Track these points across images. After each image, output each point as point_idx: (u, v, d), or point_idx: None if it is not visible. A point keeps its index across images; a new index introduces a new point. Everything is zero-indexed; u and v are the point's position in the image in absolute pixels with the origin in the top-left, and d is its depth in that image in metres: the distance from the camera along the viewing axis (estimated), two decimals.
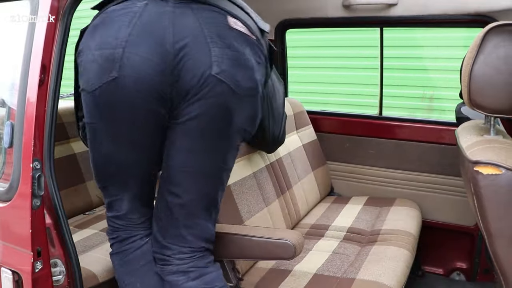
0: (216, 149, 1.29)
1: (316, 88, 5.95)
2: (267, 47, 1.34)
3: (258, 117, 1.34)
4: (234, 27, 1.22)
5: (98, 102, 1.19)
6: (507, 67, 1.11)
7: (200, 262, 1.38)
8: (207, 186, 1.34)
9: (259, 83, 1.26)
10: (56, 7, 1.21)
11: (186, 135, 1.24)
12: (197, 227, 1.36)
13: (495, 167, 1.03)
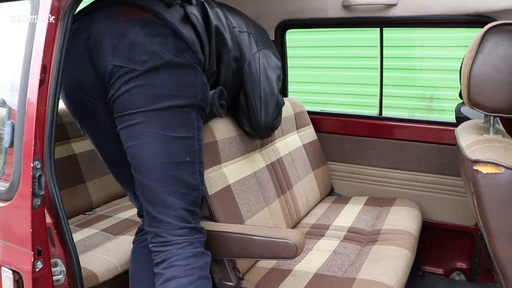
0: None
1: (316, 88, 5.95)
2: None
3: (195, 84, 1.35)
4: (122, 18, 1.32)
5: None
6: (507, 66, 1.11)
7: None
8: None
9: (160, 52, 1.28)
10: (56, 7, 1.21)
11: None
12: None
13: (494, 166, 1.03)
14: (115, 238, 1.94)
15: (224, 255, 1.57)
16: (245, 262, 1.71)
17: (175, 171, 1.34)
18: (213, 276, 1.65)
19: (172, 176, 1.34)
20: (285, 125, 2.37)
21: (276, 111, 1.86)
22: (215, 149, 1.76)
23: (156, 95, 1.29)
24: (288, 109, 2.46)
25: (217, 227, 1.59)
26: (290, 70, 2.79)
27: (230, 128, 1.88)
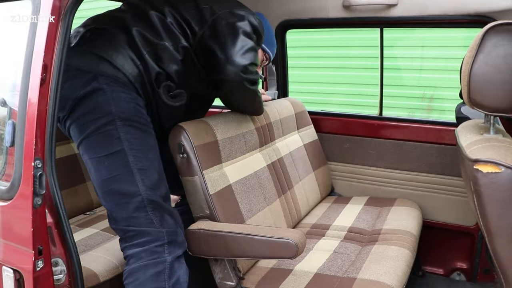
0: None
1: (316, 88, 5.96)
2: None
3: (106, 102, 1.49)
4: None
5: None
6: (507, 66, 1.11)
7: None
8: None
9: (67, 95, 1.48)
10: (57, 6, 1.21)
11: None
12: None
13: (494, 165, 1.03)
14: (115, 237, 1.94)
15: (224, 255, 1.58)
16: (245, 262, 1.71)
17: (112, 186, 1.46)
18: (214, 276, 1.65)
19: (110, 191, 1.47)
20: (286, 125, 2.37)
21: (244, 49, 1.66)
22: (216, 148, 1.76)
23: (80, 127, 1.48)
24: (289, 109, 2.47)
25: (218, 227, 1.59)
26: (290, 70, 2.79)
27: (231, 127, 1.88)
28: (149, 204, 1.47)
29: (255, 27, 1.77)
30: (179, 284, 1.48)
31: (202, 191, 1.65)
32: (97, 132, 1.46)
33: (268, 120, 2.19)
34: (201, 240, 1.58)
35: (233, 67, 1.63)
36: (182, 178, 1.68)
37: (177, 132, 1.67)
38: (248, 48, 1.68)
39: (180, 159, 1.66)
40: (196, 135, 1.68)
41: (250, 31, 1.73)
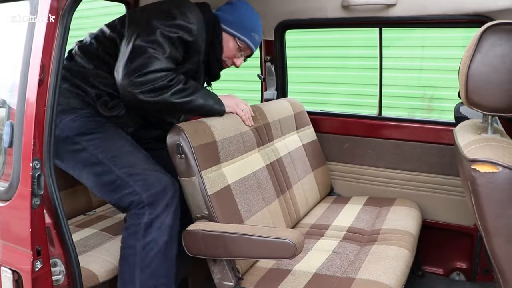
0: None
1: (316, 88, 5.96)
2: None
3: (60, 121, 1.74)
4: None
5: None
6: (504, 65, 1.11)
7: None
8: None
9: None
10: (55, 7, 1.22)
11: None
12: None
13: (492, 165, 1.03)
14: (114, 238, 1.94)
15: (223, 255, 1.57)
16: (244, 262, 1.71)
17: (99, 182, 1.70)
18: (213, 276, 1.65)
19: (101, 187, 1.71)
20: (285, 125, 2.37)
21: (128, 54, 1.66)
22: (215, 149, 1.76)
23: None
24: (288, 109, 2.47)
25: (216, 227, 1.59)
26: (289, 70, 2.79)
27: (229, 128, 1.88)
28: (129, 179, 1.65)
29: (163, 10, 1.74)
30: (151, 245, 1.61)
31: (201, 191, 1.65)
32: (69, 154, 1.71)
33: (266, 120, 2.19)
34: (200, 241, 1.58)
35: (119, 82, 1.68)
36: (180, 178, 1.69)
37: (175, 132, 1.67)
38: (135, 50, 1.65)
39: (178, 160, 1.66)
40: (194, 135, 1.68)
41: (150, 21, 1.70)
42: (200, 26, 1.80)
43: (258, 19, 2.00)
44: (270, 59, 2.70)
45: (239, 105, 1.97)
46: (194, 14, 1.78)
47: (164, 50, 1.69)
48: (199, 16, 1.81)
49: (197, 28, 1.78)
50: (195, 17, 1.78)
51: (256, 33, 1.96)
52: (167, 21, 1.72)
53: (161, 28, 1.70)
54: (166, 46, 1.70)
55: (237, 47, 1.94)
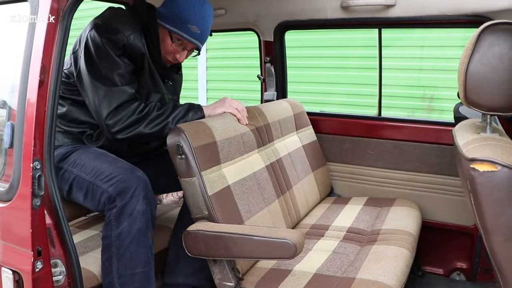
0: None
1: (315, 88, 5.96)
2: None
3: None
4: None
5: None
6: (502, 65, 1.11)
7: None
8: None
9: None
10: (56, 8, 1.22)
11: None
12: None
13: (491, 164, 1.04)
14: None
15: (223, 255, 1.58)
16: (244, 262, 1.71)
17: (89, 194, 1.78)
18: (213, 277, 1.65)
19: (92, 198, 1.76)
20: (285, 125, 2.38)
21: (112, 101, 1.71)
22: (215, 149, 1.77)
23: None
24: (288, 110, 2.47)
25: (217, 228, 1.59)
26: (289, 70, 2.80)
27: (229, 128, 1.88)
28: (97, 180, 1.69)
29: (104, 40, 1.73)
30: (124, 233, 1.62)
31: (201, 192, 1.66)
32: (64, 181, 1.78)
33: (266, 121, 2.20)
34: (200, 241, 1.58)
35: (100, 122, 1.77)
36: (180, 179, 1.69)
37: (175, 133, 1.67)
38: (94, 90, 1.72)
39: (178, 160, 1.66)
40: (194, 136, 1.68)
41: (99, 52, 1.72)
42: (129, 28, 1.78)
43: (200, 9, 1.86)
44: (269, 60, 2.70)
45: (232, 104, 1.98)
46: (117, 22, 1.77)
47: (113, 81, 1.72)
48: (125, 20, 1.80)
49: (124, 31, 1.76)
50: (120, 24, 1.77)
51: (193, 24, 1.85)
52: (99, 50, 1.73)
53: (100, 59, 1.72)
54: (114, 74, 1.72)
55: (174, 44, 1.88)
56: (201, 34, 1.88)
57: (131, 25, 1.79)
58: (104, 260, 1.65)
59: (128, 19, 1.82)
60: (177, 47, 1.90)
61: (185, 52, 1.92)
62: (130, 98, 1.73)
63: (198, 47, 1.92)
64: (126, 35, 1.76)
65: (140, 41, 1.81)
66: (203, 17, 1.87)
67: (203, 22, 1.87)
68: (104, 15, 1.82)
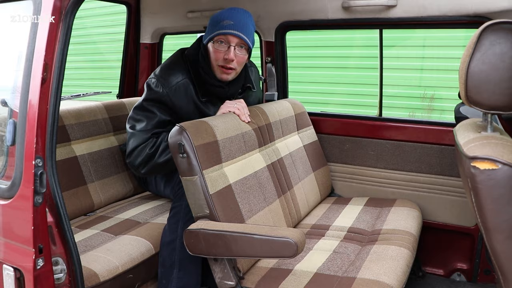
0: None
1: (316, 88, 5.97)
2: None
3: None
4: None
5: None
6: (503, 64, 1.12)
7: None
8: None
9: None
10: (58, 7, 1.23)
11: None
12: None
13: (492, 162, 1.04)
14: (116, 238, 1.95)
15: (224, 254, 1.58)
16: (245, 261, 1.72)
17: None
18: (214, 276, 1.66)
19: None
20: (286, 125, 2.38)
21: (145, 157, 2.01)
22: (216, 148, 1.77)
23: None
24: (289, 110, 2.48)
25: (218, 227, 1.59)
26: (290, 70, 2.80)
27: (230, 128, 1.89)
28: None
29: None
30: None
31: (202, 191, 1.66)
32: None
33: (267, 120, 2.20)
34: (201, 240, 1.58)
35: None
36: (182, 178, 1.69)
37: (177, 132, 1.68)
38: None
39: (180, 159, 1.67)
40: (196, 135, 1.69)
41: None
42: (171, 80, 2.02)
43: (226, 10, 2.00)
44: (270, 60, 2.71)
45: (231, 103, 2.02)
46: (161, 82, 2.01)
47: (140, 122, 2.01)
48: (170, 75, 2.03)
49: (164, 88, 2.00)
50: (163, 83, 2.01)
51: (225, 19, 1.96)
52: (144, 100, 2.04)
53: (139, 105, 2.05)
54: (143, 118, 2.01)
55: (217, 45, 1.98)
56: (235, 24, 1.94)
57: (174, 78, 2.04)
58: (172, 222, 1.88)
59: (176, 71, 2.06)
60: (221, 48, 1.98)
61: (231, 49, 1.97)
62: (142, 142, 1.99)
63: (239, 36, 1.95)
64: (164, 94, 2.01)
65: (184, 89, 2.04)
66: (232, 12, 1.99)
67: (233, 13, 1.98)
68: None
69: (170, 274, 1.83)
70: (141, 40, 2.97)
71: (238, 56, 1.99)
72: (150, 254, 1.90)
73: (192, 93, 2.03)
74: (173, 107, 2.00)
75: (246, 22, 1.98)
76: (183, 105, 2.01)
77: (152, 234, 1.97)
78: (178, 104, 2.00)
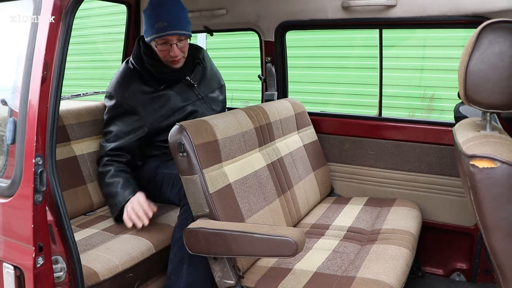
0: None
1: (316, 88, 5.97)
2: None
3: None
4: None
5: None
6: (502, 63, 1.12)
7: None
8: None
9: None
10: (58, 6, 1.23)
11: None
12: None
13: (490, 160, 1.04)
14: (116, 237, 1.95)
15: (224, 253, 1.58)
16: (245, 260, 1.72)
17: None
18: (214, 275, 1.66)
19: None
20: (286, 125, 2.39)
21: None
22: (216, 148, 1.77)
23: None
24: (289, 109, 2.48)
25: (218, 225, 1.60)
26: (290, 70, 2.81)
27: (230, 127, 1.89)
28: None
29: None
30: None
31: (202, 190, 1.66)
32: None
33: (268, 120, 2.21)
34: (201, 239, 1.58)
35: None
36: (182, 177, 1.70)
37: (177, 131, 1.68)
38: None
39: (180, 158, 1.67)
40: (196, 134, 1.69)
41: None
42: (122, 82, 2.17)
43: (156, 6, 2.06)
44: (270, 60, 2.71)
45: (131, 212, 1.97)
46: (114, 93, 2.17)
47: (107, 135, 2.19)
48: (120, 85, 2.17)
49: (119, 98, 2.15)
50: (116, 92, 2.17)
51: (158, 21, 2.04)
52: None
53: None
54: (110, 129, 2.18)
55: (160, 46, 2.10)
56: (168, 25, 2.04)
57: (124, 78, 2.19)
58: (182, 219, 1.87)
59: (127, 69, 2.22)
60: (164, 48, 2.10)
61: (174, 46, 2.09)
62: (104, 155, 2.16)
63: (176, 34, 2.06)
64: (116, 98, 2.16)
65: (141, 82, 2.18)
66: (161, 10, 2.05)
67: (163, 12, 2.04)
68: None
69: (180, 269, 1.83)
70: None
71: (182, 47, 2.13)
72: (150, 253, 1.90)
73: (146, 89, 2.16)
74: (136, 111, 2.14)
75: (178, 14, 2.07)
76: (142, 103, 2.15)
77: (152, 234, 1.97)
78: (138, 106, 2.15)
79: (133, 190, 2.02)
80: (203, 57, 2.40)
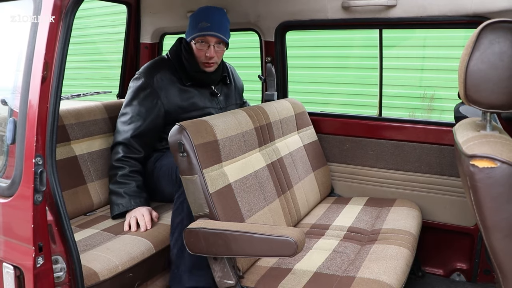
0: None
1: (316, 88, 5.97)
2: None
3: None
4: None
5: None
6: (502, 63, 1.12)
7: None
8: None
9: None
10: (58, 6, 1.23)
11: None
12: None
13: (490, 160, 1.04)
14: (116, 237, 1.95)
15: (224, 253, 1.58)
16: (245, 260, 1.72)
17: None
18: (214, 275, 1.66)
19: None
20: (286, 125, 2.39)
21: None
22: (216, 148, 1.77)
23: None
24: (289, 110, 2.48)
25: (218, 226, 1.60)
26: (290, 70, 2.81)
27: (230, 127, 1.89)
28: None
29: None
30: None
31: (202, 190, 1.66)
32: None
33: (268, 120, 2.21)
34: (201, 239, 1.58)
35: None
36: (182, 177, 1.70)
37: (177, 131, 1.68)
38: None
39: (180, 158, 1.67)
40: (196, 134, 1.69)
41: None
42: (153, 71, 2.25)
43: (203, 10, 2.25)
44: (270, 60, 2.71)
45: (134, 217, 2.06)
46: (143, 74, 2.24)
47: (124, 116, 2.24)
48: (151, 69, 2.26)
49: (148, 79, 2.22)
50: (145, 74, 2.24)
51: (201, 21, 2.19)
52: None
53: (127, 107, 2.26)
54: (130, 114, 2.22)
55: (199, 45, 2.21)
56: (211, 26, 2.18)
57: (154, 70, 2.27)
58: (178, 203, 1.90)
59: (156, 64, 2.31)
60: (202, 47, 2.22)
61: (211, 47, 2.21)
62: (119, 142, 2.21)
63: (216, 36, 2.19)
64: (145, 84, 2.22)
65: (170, 77, 2.25)
66: (208, 12, 2.22)
67: (209, 15, 2.21)
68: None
69: (183, 253, 1.83)
70: (141, 40, 2.98)
71: (218, 52, 2.24)
72: (150, 253, 1.90)
73: (174, 79, 2.26)
74: (159, 95, 2.21)
75: (221, 21, 2.23)
76: (167, 89, 2.23)
77: (152, 234, 1.98)
78: (162, 91, 2.22)
79: (140, 201, 2.11)
80: (231, 73, 2.56)
